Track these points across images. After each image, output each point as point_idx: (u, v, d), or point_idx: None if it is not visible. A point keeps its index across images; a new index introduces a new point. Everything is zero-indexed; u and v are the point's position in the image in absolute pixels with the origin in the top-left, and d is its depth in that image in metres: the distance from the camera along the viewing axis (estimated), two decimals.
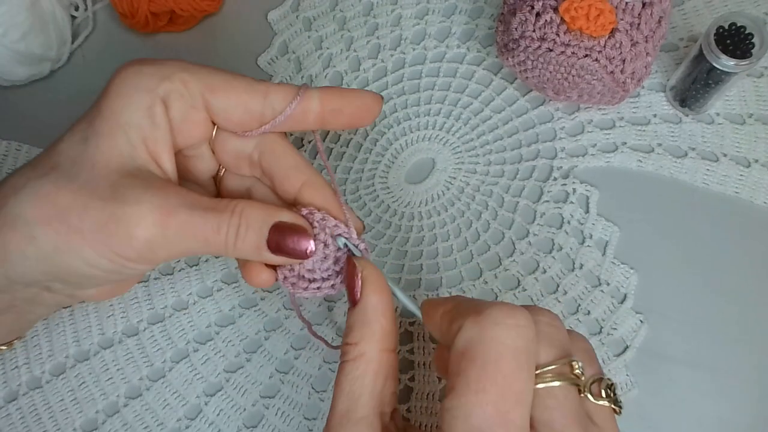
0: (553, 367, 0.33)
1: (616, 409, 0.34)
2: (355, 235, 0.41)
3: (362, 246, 0.41)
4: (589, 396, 0.34)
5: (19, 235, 0.36)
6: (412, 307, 0.39)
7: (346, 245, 0.41)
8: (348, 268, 0.39)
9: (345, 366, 0.36)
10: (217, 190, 0.47)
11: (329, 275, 0.42)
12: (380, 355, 0.36)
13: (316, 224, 0.41)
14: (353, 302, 0.38)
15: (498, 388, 0.30)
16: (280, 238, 0.38)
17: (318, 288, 0.42)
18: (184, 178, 0.44)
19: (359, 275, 0.38)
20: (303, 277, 0.42)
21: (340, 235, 0.41)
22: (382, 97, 0.44)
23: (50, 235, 0.36)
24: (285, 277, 0.42)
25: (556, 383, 0.32)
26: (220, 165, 0.45)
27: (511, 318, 0.31)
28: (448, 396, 0.31)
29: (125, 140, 0.37)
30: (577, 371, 0.33)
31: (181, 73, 0.38)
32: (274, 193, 0.44)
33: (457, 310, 0.34)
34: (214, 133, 0.43)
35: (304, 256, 0.39)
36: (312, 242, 0.40)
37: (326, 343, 0.49)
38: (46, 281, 0.39)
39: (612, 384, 0.35)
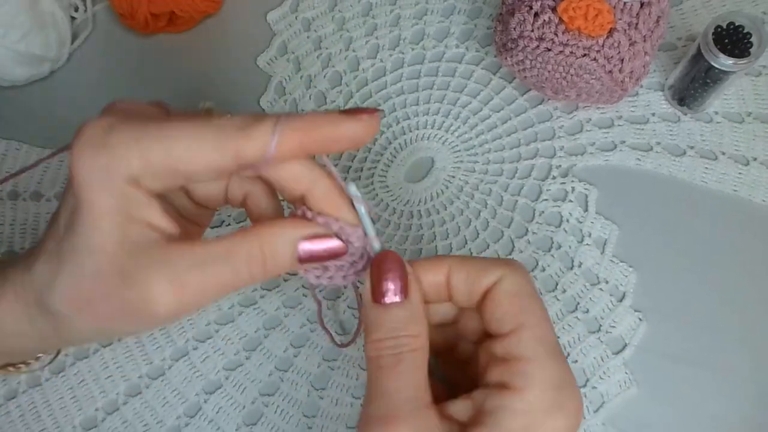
0: None
1: None
2: (372, 233, 0.39)
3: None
4: None
5: (65, 322, 0.37)
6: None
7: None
8: (385, 263, 0.37)
9: (408, 356, 0.36)
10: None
11: (343, 266, 0.41)
12: (428, 349, 0.37)
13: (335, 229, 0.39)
14: (402, 296, 0.37)
15: (548, 317, 0.36)
16: (309, 249, 0.37)
17: (330, 278, 0.41)
18: (190, 216, 0.43)
19: (404, 269, 0.37)
20: (327, 268, 0.40)
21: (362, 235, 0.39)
22: (379, 113, 0.38)
23: (88, 321, 0.36)
24: (317, 277, 0.41)
25: None
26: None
27: (526, 269, 0.37)
28: (519, 331, 0.35)
29: (111, 225, 0.35)
30: None
31: (138, 155, 0.34)
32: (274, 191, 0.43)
33: (478, 264, 0.37)
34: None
35: (342, 252, 0.38)
36: (339, 242, 0.38)
37: (331, 338, 0.49)
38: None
39: None
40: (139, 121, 0.35)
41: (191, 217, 0.42)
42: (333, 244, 0.37)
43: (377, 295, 0.37)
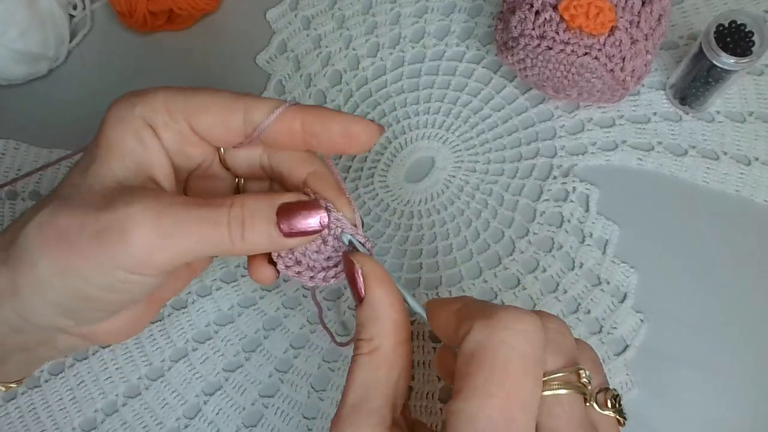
0: (560, 374, 0.32)
1: (621, 420, 0.34)
2: (360, 231, 0.41)
3: (369, 245, 0.41)
4: (595, 405, 0.34)
5: (24, 265, 0.36)
6: (416, 306, 0.39)
7: (350, 241, 0.40)
8: (346, 265, 0.38)
9: (359, 359, 0.36)
10: None
11: (327, 266, 0.41)
12: (395, 348, 0.36)
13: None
14: (359, 299, 0.37)
15: (505, 393, 0.30)
16: (290, 218, 0.38)
17: (311, 277, 0.41)
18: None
19: (359, 272, 0.37)
20: (300, 262, 0.41)
21: (343, 231, 0.40)
22: (382, 129, 0.40)
23: (50, 260, 0.36)
24: (283, 263, 0.41)
25: (563, 391, 0.32)
26: (237, 179, 0.45)
27: (520, 323, 0.31)
28: (454, 398, 0.31)
29: (119, 164, 0.37)
30: (584, 380, 0.33)
31: (164, 101, 0.39)
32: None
33: (466, 312, 0.34)
34: (222, 150, 0.42)
35: (318, 228, 0.38)
36: (324, 213, 0.38)
37: (332, 337, 0.49)
38: (54, 317, 0.39)
39: (618, 395, 0.35)
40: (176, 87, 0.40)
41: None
42: (314, 215, 0.38)
43: (353, 296, 0.38)
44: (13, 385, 0.46)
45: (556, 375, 0.33)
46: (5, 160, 0.59)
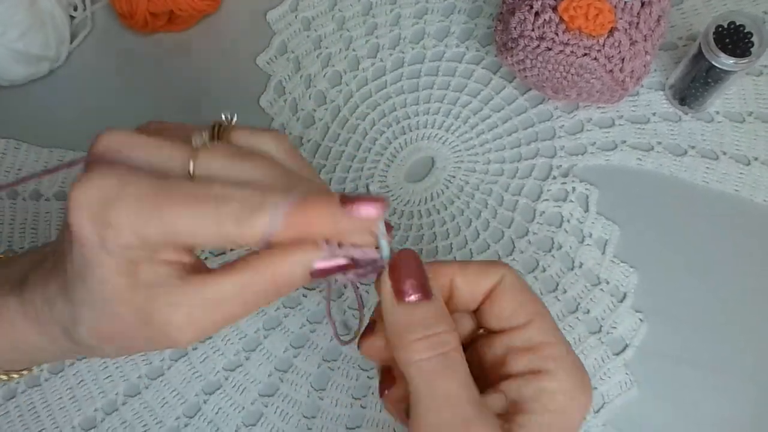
0: None
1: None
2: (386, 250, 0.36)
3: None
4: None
5: (92, 350, 0.38)
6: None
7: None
8: (405, 261, 0.36)
9: (455, 354, 0.34)
10: None
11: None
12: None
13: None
14: (425, 296, 0.35)
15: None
16: (324, 272, 0.35)
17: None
18: None
19: (422, 266, 0.36)
20: None
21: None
22: (384, 201, 0.35)
23: (113, 350, 0.37)
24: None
25: None
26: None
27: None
28: (537, 319, 0.36)
29: (120, 278, 0.34)
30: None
31: (138, 239, 0.32)
32: None
33: (481, 267, 0.37)
34: None
35: (352, 266, 0.35)
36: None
37: (335, 332, 0.49)
38: None
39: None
40: (135, 191, 0.32)
41: None
42: (344, 261, 0.35)
43: (400, 293, 0.35)
44: (24, 372, 0.47)
45: None
46: (6, 160, 0.59)
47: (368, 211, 0.33)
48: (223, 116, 0.37)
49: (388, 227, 0.37)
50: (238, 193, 0.32)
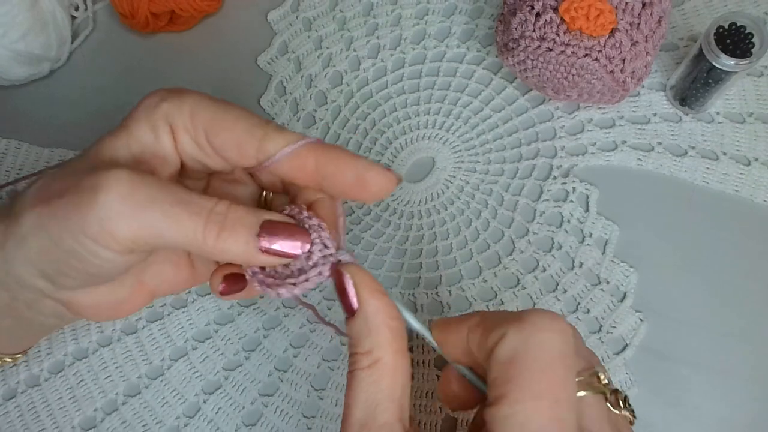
0: (584, 377, 0.33)
1: (632, 419, 0.35)
2: (346, 255, 0.38)
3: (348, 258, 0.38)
4: (610, 406, 0.34)
5: (12, 221, 0.37)
6: (415, 324, 0.37)
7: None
8: (336, 277, 0.36)
9: (358, 374, 0.34)
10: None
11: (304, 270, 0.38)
12: (395, 358, 0.35)
13: (309, 228, 0.38)
14: (350, 312, 0.36)
15: (553, 394, 0.30)
16: (274, 235, 0.36)
17: (293, 284, 0.37)
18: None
19: (350, 283, 0.36)
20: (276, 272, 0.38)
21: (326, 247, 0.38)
22: (400, 178, 0.39)
23: (31, 217, 0.36)
24: (255, 276, 0.39)
25: (590, 392, 0.33)
26: (262, 192, 0.44)
27: (556, 323, 0.32)
28: (497, 404, 0.31)
29: (125, 146, 0.38)
30: (604, 381, 0.34)
31: (190, 107, 0.38)
32: None
33: (490, 321, 0.34)
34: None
35: (296, 255, 0.37)
36: (308, 242, 0.37)
37: (337, 329, 0.49)
38: (32, 276, 0.38)
39: (626, 395, 0.36)
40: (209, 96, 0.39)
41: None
42: (295, 243, 0.37)
43: (344, 309, 0.36)
44: (18, 355, 0.48)
45: (582, 377, 0.33)
46: (7, 160, 0.59)
47: (385, 172, 0.38)
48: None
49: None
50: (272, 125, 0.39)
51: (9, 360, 0.48)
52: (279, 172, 0.39)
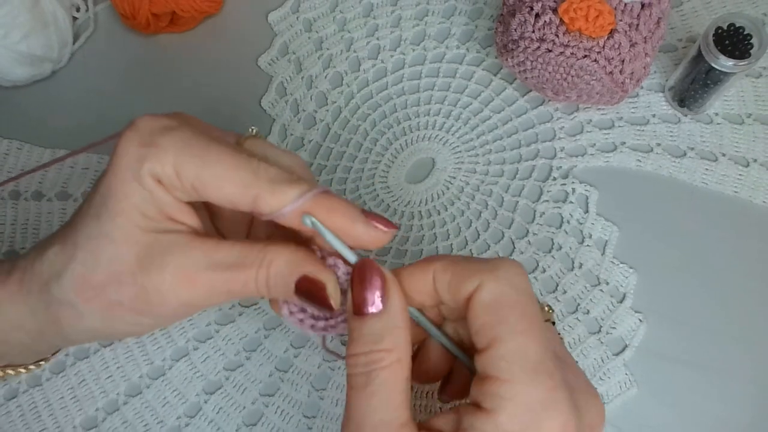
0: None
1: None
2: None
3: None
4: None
5: (67, 314, 0.38)
6: (438, 335, 0.38)
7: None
8: (360, 272, 0.36)
9: (380, 373, 0.34)
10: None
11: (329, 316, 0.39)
12: (409, 357, 0.35)
13: (340, 275, 0.38)
14: (366, 308, 0.35)
15: (537, 328, 0.33)
16: (306, 290, 0.37)
17: (312, 326, 0.39)
18: (216, 214, 0.43)
19: (382, 278, 0.35)
20: (304, 310, 0.39)
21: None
22: (395, 229, 0.38)
23: (95, 311, 0.38)
24: (291, 312, 0.40)
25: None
26: None
27: (520, 267, 0.35)
28: (494, 346, 0.33)
29: (137, 214, 0.36)
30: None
31: (174, 165, 0.35)
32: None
33: (461, 268, 0.35)
34: None
35: (328, 307, 0.37)
36: (331, 300, 0.37)
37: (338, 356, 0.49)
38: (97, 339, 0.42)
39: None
40: (191, 133, 0.36)
41: (223, 218, 0.43)
42: (325, 296, 0.37)
43: (356, 306, 0.35)
44: (32, 366, 0.49)
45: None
46: (8, 160, 0.59)
47: (384, 226, 0.37)
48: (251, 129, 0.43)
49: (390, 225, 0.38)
50: (276, 168, 0.36)
51: (23, 370, 0.48)
52: (282, 222, 0.37)
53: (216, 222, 0.43)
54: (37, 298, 0.38)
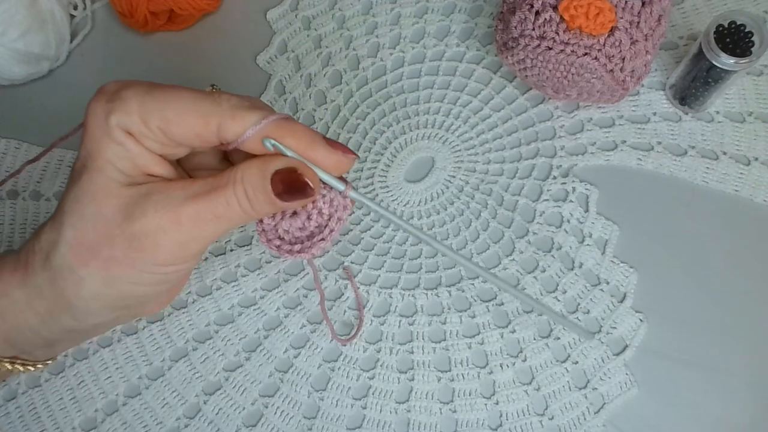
0: None
1: None
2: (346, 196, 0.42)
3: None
4: None
5: (70, 282, 0.39)
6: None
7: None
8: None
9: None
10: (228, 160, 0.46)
11: (308, 241, 0.42)
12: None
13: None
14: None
15: None
16: (284, 186, 0.39)
17: (289, 251, 0.42)
18: (191, 165, 0.44)
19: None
20: (282, 238, 0.42)
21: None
22: (356, 157, 0.41)
23: (94, 273, 0.39)
24: (266, 237, 0.43)
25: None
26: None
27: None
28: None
29: (113, 169, 0.38)
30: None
31: (137, 110, 0.37)
32: None
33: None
34: None
35: (312, 192, 0.39)
36: (309, 181, 0.40)
37: (333, 332, 0.49)
38: (108, 314, 0.43)
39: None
40: (150, 83, 0.39)
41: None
42: (302, 178, 0.39)
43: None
44: (49, 362, 0.49)
45: None
46: (6, 160, 0.59)
47: (345, 152, 0.40)
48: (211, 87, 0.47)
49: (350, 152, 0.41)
50: (237, 97, 0.39)
51: (31, 368, 0.48)
52: (247, 149, 0.40)
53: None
54: (42, 276, 0.40)
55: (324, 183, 0.40)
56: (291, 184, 0.39)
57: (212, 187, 0.39)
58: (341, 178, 0.41)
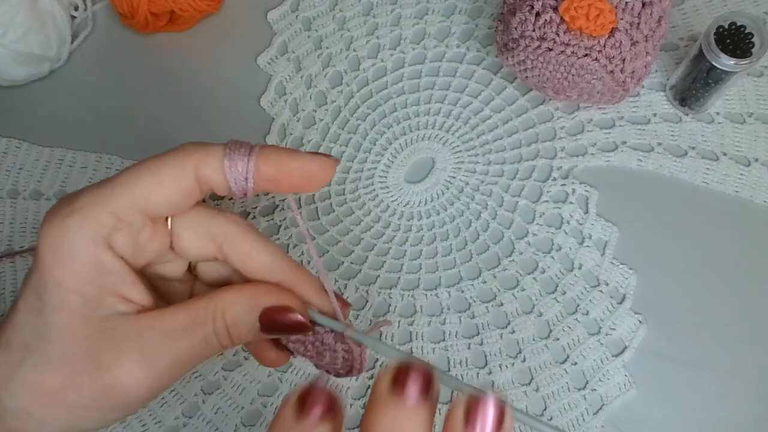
0: None
1: None
2: (338, 309, 0.38)
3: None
4: None
5: (26, 423, 0.34)
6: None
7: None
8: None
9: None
10: (195, 279, 0.42)
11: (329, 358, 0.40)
12: None
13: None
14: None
15: None
16: (272, 324, 0.36)
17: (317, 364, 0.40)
18: (158, 286, 0.39)
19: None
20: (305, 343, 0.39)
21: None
22: (337, 160, 0.38)
23: (56, 416, 0.34)
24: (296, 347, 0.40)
25: None
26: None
27: None
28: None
29: (81, 302, 0.34)
30: None
31: (106, 208, 0.33)
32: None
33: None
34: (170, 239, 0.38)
35: (303, 327, 0.37)
36: (300, 317, 0.37)
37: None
38: None
39: None
40: (99, 181, 0.34)
41: (165, 289, 0.40)
42: (293, 317, 0.36)
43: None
44: None
45: None
46: (7, 159, 0.59)
47: (326, 161, 0.37)
48: None
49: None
50: (194, 144, 0.35)
51: None
52: (221, 188, 0.36)
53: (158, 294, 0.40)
54: None
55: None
56: (281, 323, 0.36)
57: (189, 323, 0.35)
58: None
